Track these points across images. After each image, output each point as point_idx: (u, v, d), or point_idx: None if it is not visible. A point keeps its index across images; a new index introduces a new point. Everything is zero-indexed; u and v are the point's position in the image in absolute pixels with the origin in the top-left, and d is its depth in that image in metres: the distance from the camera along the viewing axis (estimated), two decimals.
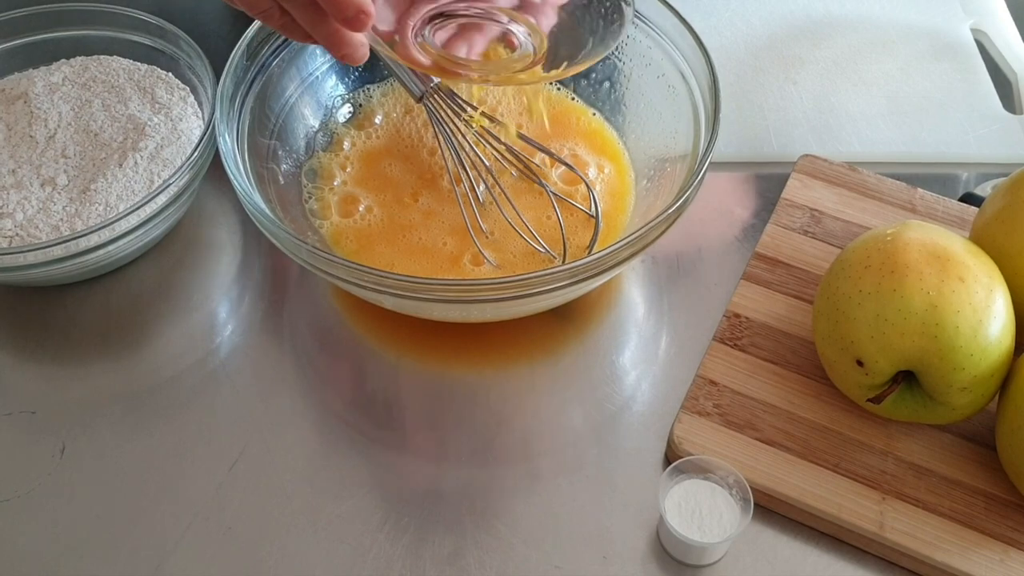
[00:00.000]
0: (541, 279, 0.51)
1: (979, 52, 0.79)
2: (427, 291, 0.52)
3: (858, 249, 0.54)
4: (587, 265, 0.51)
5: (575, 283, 0.52)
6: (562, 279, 0.52)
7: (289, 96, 0.66)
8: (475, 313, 0.57)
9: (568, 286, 0.52)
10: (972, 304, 0.49)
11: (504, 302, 0.52)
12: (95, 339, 0.61)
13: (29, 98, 0.65)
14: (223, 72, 0.60)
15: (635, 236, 0.52)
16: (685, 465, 0.52)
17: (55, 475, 0.55)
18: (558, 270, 0.51)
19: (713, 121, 0.58)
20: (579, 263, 0.51)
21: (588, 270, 0.52)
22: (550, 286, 0.52)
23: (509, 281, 0.51)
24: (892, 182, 0.67)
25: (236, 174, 0.56)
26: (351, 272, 0.52)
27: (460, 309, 0.55)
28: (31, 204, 0.61)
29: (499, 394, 0.59)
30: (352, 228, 0.63)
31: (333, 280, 0.54)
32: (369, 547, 0.53)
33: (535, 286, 0.51)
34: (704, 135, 0.59)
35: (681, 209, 0.54)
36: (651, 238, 0.54)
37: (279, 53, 0.64)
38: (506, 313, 0.58)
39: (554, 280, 0.51)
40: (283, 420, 0.58)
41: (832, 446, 0.55)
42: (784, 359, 0.58)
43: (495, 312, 0.57)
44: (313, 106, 0.67)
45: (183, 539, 0.53)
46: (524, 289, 0.51)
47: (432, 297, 0.52)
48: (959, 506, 0.52)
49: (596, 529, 0.53)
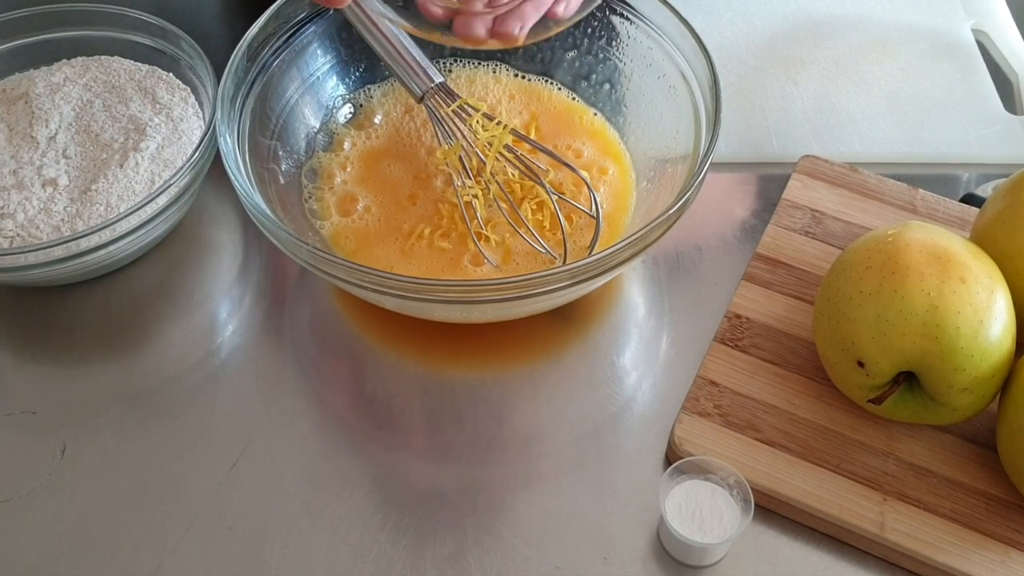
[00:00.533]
0: (543, 279, 0.51)
1: (980, 52, 0.78)
2: (427, 292, 0.52)
3: (859, 250, 0.54)
4: (588, 266, 0.51)
5: (576, 284, 0.52)
6: (563, 279, 0.52)
7: (290, 96, 0.66)
8: (476, 314, 0.57)
9: (569, 287, 0.52)
10: (973, 305, 0.49)
11: (505, 303, 0.52)
12: (96, 339, 0.61)
13: (30, 98, 0.66)
14: (224, 73, 0.60)
15: (636, 237, 0.52)
16: (686, 466, 0.52)
17: (56, 475, 0.55)
18: (559, 270, 0.51)
19: (714, 122, 0.58)
20: (580, 263, 0.51)
21: (589, 270, 0.52)
22: (551, 286, 0.52)
23: (510, 282, 0.51)
24: (893, 183, 0.67)
25: (237, 174, 0.56)
26: (351, 272, 0.52)
27: (461, 310, 0.55)
28: (32, 205, 0.61)
29: (499, 394, 0.59)
30: (352, 228, 0.63)
31: (334, 280, 0.54)
32: (370, 547, 0.53)
33: (536, 287, 0.51)
34: (705, 136, 0.59)
35: (682, 210, 0.54)
36: (652, 239, 0.53)
37: (280, 54, 0.64)
38: (507, 314, 0.58)
39: (555, 280, 0.51)
40: (284, 420, 0.58)
41: (833, 447, 0.55)
42: (785, 360, 0.58)
43: (496, 313, 0.57)
44: (314, 106, 0.67)
45: (184, 539, 0.53)
46: (525, 290, 0.51)
47: (433, 298, 0.52)
48: (960, 507, 0.52)
49: (597, 530, 0.53)
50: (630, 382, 0.60)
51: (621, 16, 0.67)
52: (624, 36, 0.67)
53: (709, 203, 0.68)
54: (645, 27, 0.65)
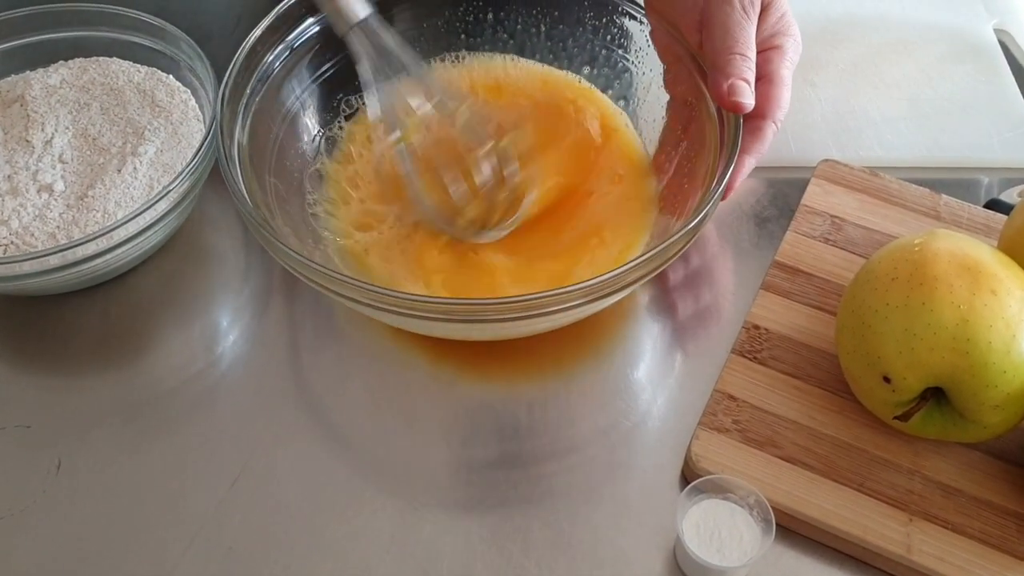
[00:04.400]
0: (554, 298, 0.48)
1: (1003, 53, 0.76)
2: (434, 311, 0.49)
3: (884, 260, 0.52)
4: (601, 284, 0.49)
5: (588, 302, 0.50)
6: (575, 299, 0.49)
7: (292, 103, 0.64)
8: (475, 334, 0.55)
9: (580, 306, 0.50)
10: (1005, 319, 0.47)
11: (513, 322, 0.50)
12: (93, 350, 0.60)
13: (26, 101, 0.64)
14: (224, 77, 0.58)
15: (653, 253, 0.50)
16: (703, 484, 0.50)
17: (50, 492, 0.54)
18: (571, 289, 0.48)
19: (732, 144, 0.55)
20: (593, 282, 0.48)
21: (602, 289, 0.49)
22: (564, 304, 0.49)
23: (518, 301, 0.48)
24: (915, 188, 0.65)
25: (235, 184, 0.54)
26: (352, 289, 0.49)
27: (464, 329, 0.53)
28: (27, 211, 0.59)
29: (510, 409, 0.57)
30: (358, 240, 0.60)
31: (333, 297, 0.51)
32: (376, 568, 0.51)
33: (548, 305, 0.49)
34: (724, 147, 0.57)
35: (698, 227, 0.52)
36: (668, 255, 0.51)
37: (282, 57, 0.62)
38: (513, 332, 0.55)
39: (568, 299, 0.49)
40: (287, 435, 0.56)
41: (856, 464, 0.53)
42: (806, 373, 0.56)
43: (499, 332, 0.55)
44: (317, 112, 0.65)
45: (183, 559, 0.51)
46: (534, 309, 0.49)
47: (440, 316, 0.50)
48: (990, 528, 0.50)
49: (611, 551, 0.51)
50: (645, 397, 0.58)
51: (633, 19, 0.65)
52: (641, 42, 0.65)
53: (725, 209, 0.66)
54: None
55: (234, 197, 0.53)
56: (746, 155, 0.57)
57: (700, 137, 0.60)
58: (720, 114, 0.57)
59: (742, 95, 0.55)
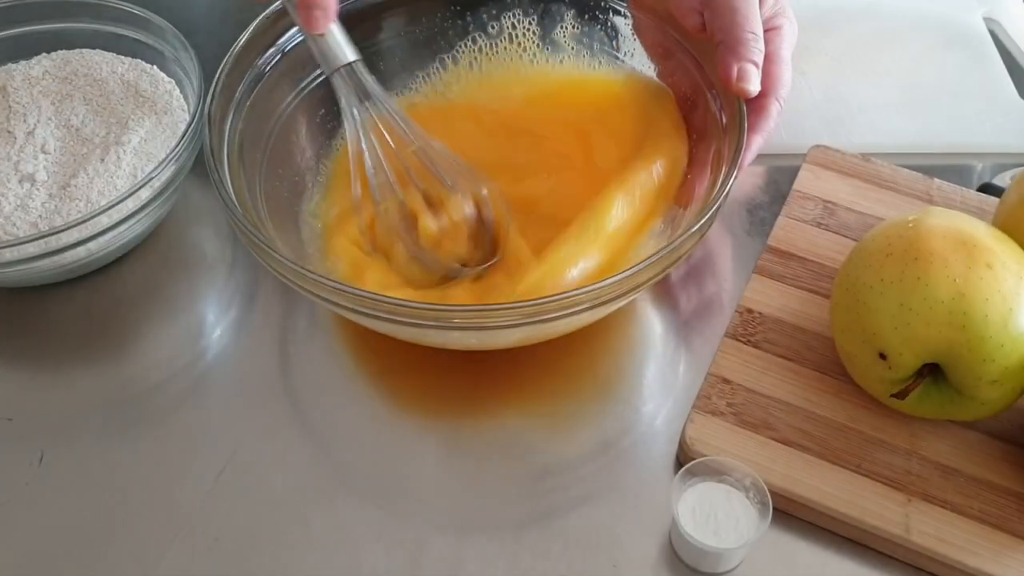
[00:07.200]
0: (559, 303, 0.47)
1: (992, 41, 0.76)
2: (429, 318, 0.48)
3: (878, 237, 0.51)
4: (606, 288, 0.47)
5: (595, 307, 0.49)
6: (582, 303, 0.48)
7: (285, 106, 0.62)
8: (472, 341, 0.53)
9: (587, 310, 0.48)
10: (1002, 292, 0.47)
11: (515, 328, 0.49)
12: (76, 342, 0.59)
13: (7, 92, 0.63)
14: (213, 81, 0.56)
15: (660, 256, 0.48)
16: (698, 467, 0.49)
17: (32, 485, 0.53)
18: (575, 293, 0.47)
19: (734, 158, 0.54)
20: (597, 286, 0.47)
21: (608, 293, 0.48)
22: (568, 310, 0.48)
23: (519, 307, 0.47)
24: (907, 172, 0.65)
25: (222, 186, 0.52)
26: (342, 296, 0.48)
27: (459, 336, 0.52)
28: (8, 201, 0.58)
29: (498, 390, 0.56)
30: (348, 245, 0.59)
31: (322, 303, 0.50)
32: (365, 558, 0.50)
33: (552, 311, 0.47)
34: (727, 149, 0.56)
35: (717, 212, 0.51)
36: (673, 259, 0.50)
37: (273, 60, 0.60)
38: (511, 340, 0.54)
39: (572, 304, 0.48)
40: (273, 427, 0.55)
41: (853, 445, 0.52)
42: (800, 355, 0.55)
43: (493, 339, 0.53)
44: (309, 115, 0.63)
45: (168, 551, 0.50)
46: (537, 316, 0.48)
47: (435, 324, 0.49)
48: (989, 507, 0.50)
49: (605, 536, 0.51)
50: (638, 380, 0.57)
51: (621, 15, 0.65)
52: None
53: None
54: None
55: (223, 201, 0.52)
56: (754, 134, 0.56)
57: (701, 125, 0.59)
58: (720, 100, 0.57)
59: (749, 81, 0.55)
